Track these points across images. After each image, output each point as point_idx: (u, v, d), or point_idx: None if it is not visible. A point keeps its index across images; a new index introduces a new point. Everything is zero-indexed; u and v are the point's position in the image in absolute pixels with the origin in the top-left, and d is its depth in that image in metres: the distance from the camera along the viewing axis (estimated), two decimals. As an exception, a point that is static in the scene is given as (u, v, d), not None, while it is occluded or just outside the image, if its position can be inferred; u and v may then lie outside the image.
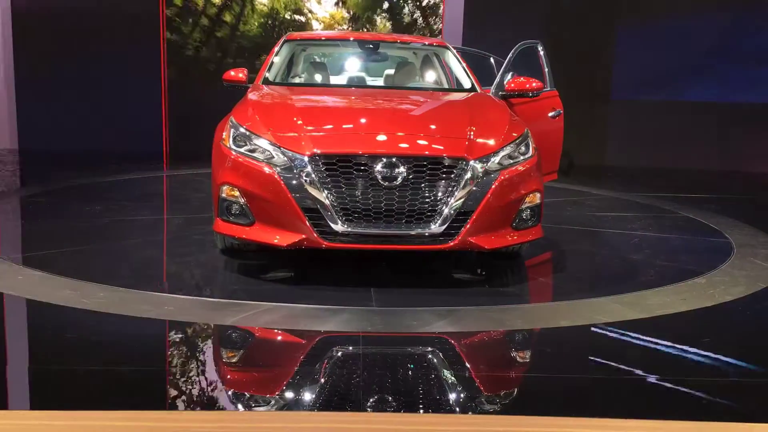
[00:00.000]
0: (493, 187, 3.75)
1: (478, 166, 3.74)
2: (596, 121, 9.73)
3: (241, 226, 3.83)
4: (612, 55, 9.90)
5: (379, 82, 5.66)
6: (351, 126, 4.05)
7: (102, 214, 5.52)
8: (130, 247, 4.65)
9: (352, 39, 5.79)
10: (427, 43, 5.92)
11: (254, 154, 3.79)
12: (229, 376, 2.80)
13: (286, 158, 3.69)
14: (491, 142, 3.89)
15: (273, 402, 2.51)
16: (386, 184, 3.62)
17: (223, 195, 3.83)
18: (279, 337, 3.20)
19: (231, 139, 3.91)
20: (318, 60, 5.88)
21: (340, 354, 2.96)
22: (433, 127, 4.09)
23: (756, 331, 3.51)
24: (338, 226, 3.63)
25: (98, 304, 3.39)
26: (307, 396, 2.54)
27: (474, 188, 3.71)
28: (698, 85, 9.83)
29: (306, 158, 3.65)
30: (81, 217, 5.46)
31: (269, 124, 3.92)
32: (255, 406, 2.48)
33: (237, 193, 3.78)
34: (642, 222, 5.92)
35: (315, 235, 3.64)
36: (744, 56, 9.70)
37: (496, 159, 3.83)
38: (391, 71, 5.55)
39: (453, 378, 2.73)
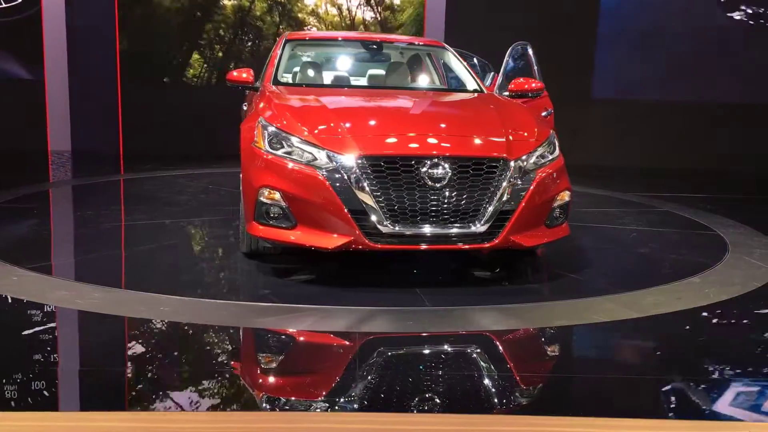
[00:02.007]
0: (532, 186, 3.83)
1: (518, 165, 3.81)
2: (578, 120, 9.74)
3: (281, 230, 3.78)
4: (592, 55, 9.94)
5: (386, 82, 5.65)
6: (392, 127, 4.04)
7: (99, 219, 5.45)
8: (149, 253, 4.54)
9: (354, 39, 5.80)
10: (426, 43, 5.99)
11: (294, 156, 3.75)
12: (281, 380, 2.79)
13: (330, 160, 3.67)
14: (527, 142, 3.97)
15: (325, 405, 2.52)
16: (432, 184, 3.65)
17: (262, 198, 3.77)
18: (335, 342, 3.18)
19: (266, 142, 3.86)
20: (323, 60, 5.90)
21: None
22: (471, 127, 4.11)
23: (752, 330, 3.53)
24: (385, 228, 3.64)
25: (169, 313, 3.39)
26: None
27: (514, 188, 3.78)
28: (680, 85, 9.92)
29: (353, 160, 3.64)
30: (78, 223, 5.39)
31: (307, 125, 3.88)
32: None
33: (277, 196, 3.73)
34: (636, 221, 5.94)
35: (362, 236, 3.64)
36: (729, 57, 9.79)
37: (532, 159, 3.91)
38: (397, 72, 5.58)
39: (457, 378, 2.74)
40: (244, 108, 5.56)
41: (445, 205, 3.68)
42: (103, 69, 9.49)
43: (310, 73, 5.46)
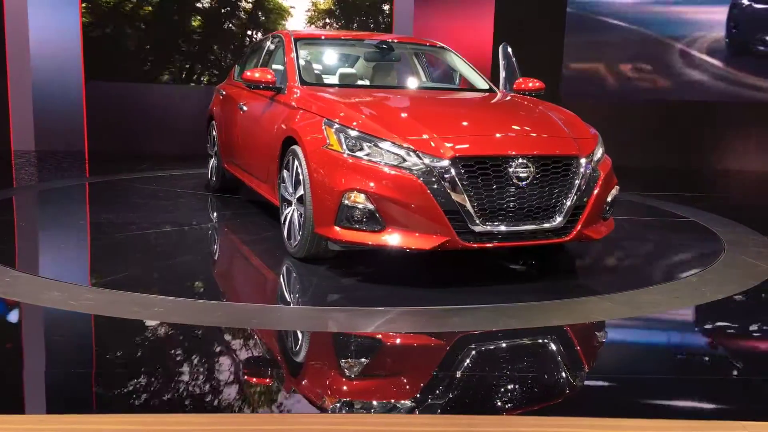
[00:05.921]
0: (599, 182, 4.04)
1: (587, 163, 3.99)
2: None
3: (368, 233, 3.74)
4: (560, 55, 9.96)
5: (402, 82, 5.63)
6: (472, 128, 4.11)
7: (100, 229, 5.15)
8: (190, 263, 4.35)
9: (363, 39, 5.81)
10: (428, 44, 6.03)
11: (376, 158, 3.75)
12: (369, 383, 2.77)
13: (421, 162, 3.69)
14: (587, 140, 4.17)
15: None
16: (518, 183, 3.76)
17: (347, 202, 3.73)
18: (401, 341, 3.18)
19: (343, 144, 3.85)
20: (335, 60, 5.93)
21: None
22: (542, 127, 4.21)
23: (748, 329, 3.54)
24: (477, 227, 3.71)
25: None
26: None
27: (585, 184, 3.96)
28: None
29: (447, 162, 3.67)
30: (81, 234, 5.07)
31: (386, 126, 3.87)
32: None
33: (362, 199, 3.71)
34: (634, 220, 5.95)
35: (456, 236, 3.69)
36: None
37: (594, 156, 4.09)
38: (411, 72, 5.66)
39: (456, 379, 2.74)
40: (244, 109, 5.48)
41: (531, 203, 3.81)
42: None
43: (328, 72, 5.45)
